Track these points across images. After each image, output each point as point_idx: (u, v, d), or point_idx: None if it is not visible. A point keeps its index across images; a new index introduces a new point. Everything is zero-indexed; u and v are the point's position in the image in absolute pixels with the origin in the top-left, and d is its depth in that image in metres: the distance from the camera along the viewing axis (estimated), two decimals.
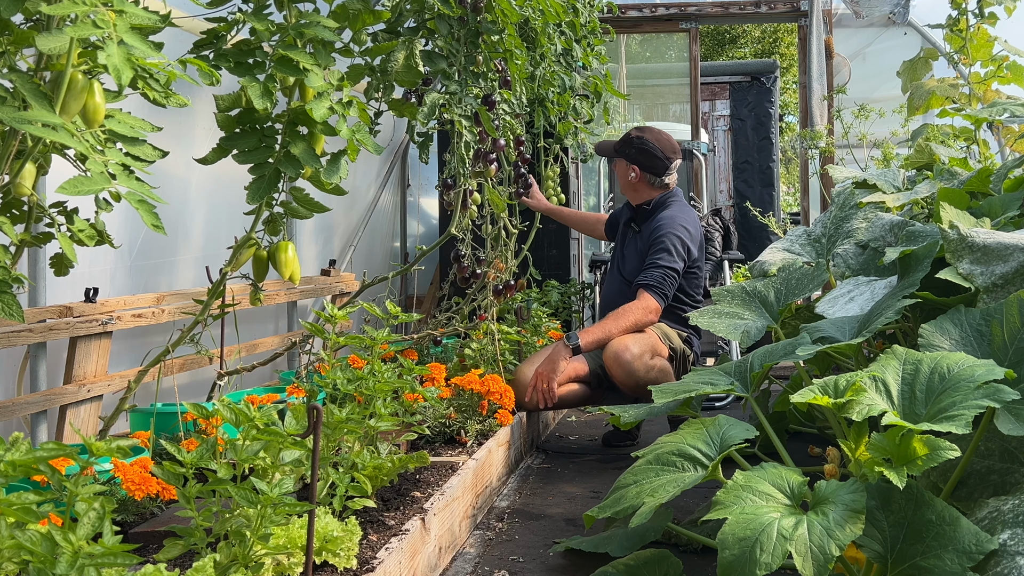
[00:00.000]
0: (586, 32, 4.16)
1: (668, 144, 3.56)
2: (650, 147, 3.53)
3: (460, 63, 2.72)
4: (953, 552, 1.47)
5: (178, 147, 2.01)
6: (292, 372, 3.35)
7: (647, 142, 3.54)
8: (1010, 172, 2.62)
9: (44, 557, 1.06)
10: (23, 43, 1.37)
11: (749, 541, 1.49)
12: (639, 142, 3.54)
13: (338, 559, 1.62)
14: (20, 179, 1.48)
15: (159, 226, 1.46)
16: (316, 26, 1.74)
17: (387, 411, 2.08)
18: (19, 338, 2.39)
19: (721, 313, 2.65)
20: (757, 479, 1.65)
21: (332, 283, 4.28)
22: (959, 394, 1.63)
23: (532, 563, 2.19)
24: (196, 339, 2.24)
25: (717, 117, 8.14)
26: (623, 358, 3.19)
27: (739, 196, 7.45)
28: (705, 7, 5.76)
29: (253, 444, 1.50)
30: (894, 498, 1.57)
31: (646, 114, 7.72)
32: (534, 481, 2.97)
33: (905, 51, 5.58)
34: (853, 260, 2.70)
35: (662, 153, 3.52)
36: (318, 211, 1.95)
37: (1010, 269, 1.95)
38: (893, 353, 1.81)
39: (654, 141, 3.54)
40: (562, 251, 5.29)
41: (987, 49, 4.66)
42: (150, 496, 1.89)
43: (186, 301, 3.06)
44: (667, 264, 3.36)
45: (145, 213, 1.44)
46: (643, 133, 3.58)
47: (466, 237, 3.16)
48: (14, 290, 1.46)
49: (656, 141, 3.54)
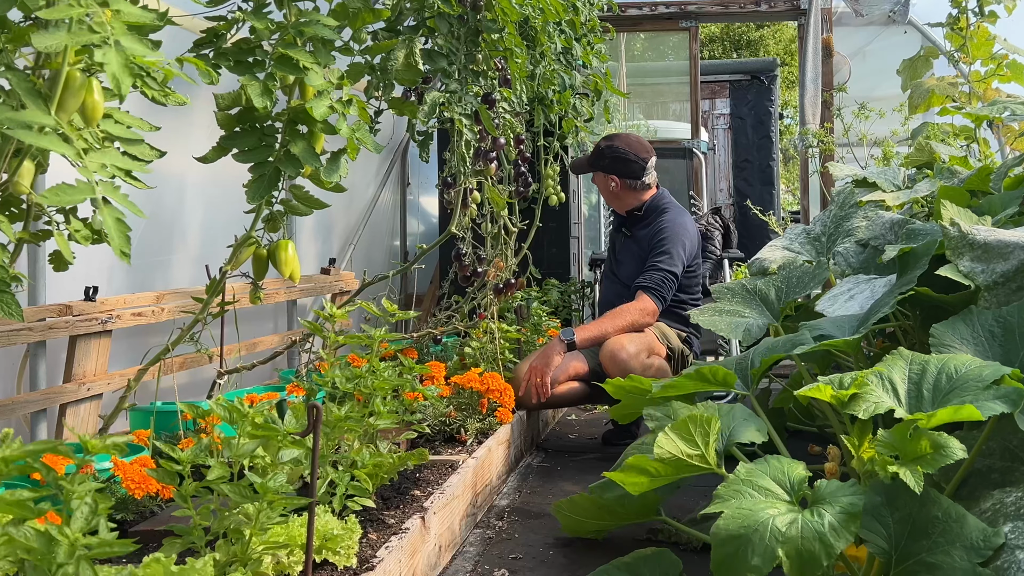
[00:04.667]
0: (586, 30, 4.15)
1: (639, 145, 3.56)
2: (621, 153, 3.52)
3: (460, 61, 2.72)
4: (961, 548, 1.46)
5: (177, 146, 2.00)
6: (292, 371, 3.35)
7: (617, 149, 3.53)
8: (1010, 170, 2.62)
9: (41, 553, 1.06)
10: (20, 41, 1.36)
11: (742, 539, 1.48)
12: (610, 151, 3.53)
13: (338, 557, 1.62)
14: (18, 177, 1.47)
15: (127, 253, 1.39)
16: (316, 24, 1.74)
17: (387, 409, 2.08)
18: (19, 337, 2.39)
19: (722, 311, 2.65)
20: (759, 473, 1.64)
21: (332, 282, 4.28)
22: (968, 394, 1.62)
23: (532, 561, 2.19)
24: (196, 338, 2.24)
25: (717, 116, 8.14)
26: (619, 357, 3.19)
27: (739, 194, 7.45)
28: (705, 6, 5.75)
29: (249, 441, 1.50)
30: (899, 495, 1.56)
31: (646, 112, 7.71)
32: (534, 479, 2.97)
33: (905, 49, 5.56)
34: (853, 258, 2.70)
35: (635, 155, 3.52)
36: (318, 208, 1.95)
37: (1011, 267, 1.95)
38: (899, 353, 1.81)
39: (624, 146, 3.54)
40: (562, 250, 5.28)
41: (987, 47, 4.65)
42: (150, 495, 1.89)
43: (185, 300, 3.06)
44: (667, 267, 3.38)
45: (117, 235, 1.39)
46: (611, 141, 3.58)
47: (466, 236, 3.16)
48: (13, 289, 1.46)
49: (626, 146, 3.54)
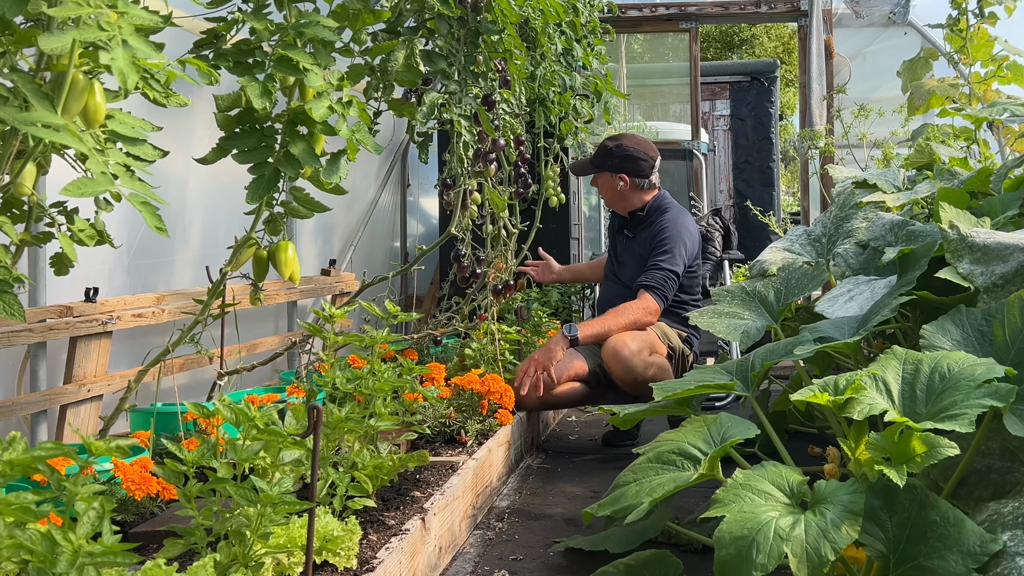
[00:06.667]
0: (586, 32, 4.16)
1: (646, 144, 3.56)
2: (632, 151, 3.51)
3: (460, 63, 2.72)
4: (958, 553, 1.46)
5: (178, 147, 2.00)
6: (292, 372, 3.35)
7: (627, 148, 3.52)
8: (1010, 172, 2.62)
9: (44, 556, 1.06)
10: (25, 43, 1.37)
11: (746, 540, 1.49)
12: (620, 150, 3.52)
13: (338, 558, 1.63)
14: (21, 179, 1.48)
15: (162, 228, 1.46)
16: (316, 26, 1.74)
17: (387, 411, 2.08)
18: (19, 338, 2.39)
19: (721, 313, 2.65)
20: (757, 478, 1.64)
21: (332, 283, 4.28)
22: (960, 393, 1.62)
23: (532, 563, 2.19)
24: (196, 339, 2.24)
25: (717, 117, 8.15)
26: (621, 354, 3.20)
27: (739, 196, 7.46)
28: (705, 7, 5.76)
29: (253, 444, 1.50)
30: (898, 498, 1.56)
31: (646, 114, 7.72)
32: (534, 481, 2.97)
33: (905, 51, 5.57)
34: (853, 260, 2.70)
35: (645, 154, 3.52)
36: (318, 210, 1.95)
37: (1010, 269, 1.95)
38: (893, 353, 1.81)
39: (633, 145, 3.53)
40: (562, 251, 5.28)
41: (987, 49, 4.66)
42: (150, 496, 1.89)
43: (186, 301, 3.06)
44: (669, 267, 3.38)
45: (148, 215, 1.43)
46: (620, 141, 3.56)
47: (466, 237, 3.17)
48: (15, 290, 1.46)
49: (635, 144, 3.53)
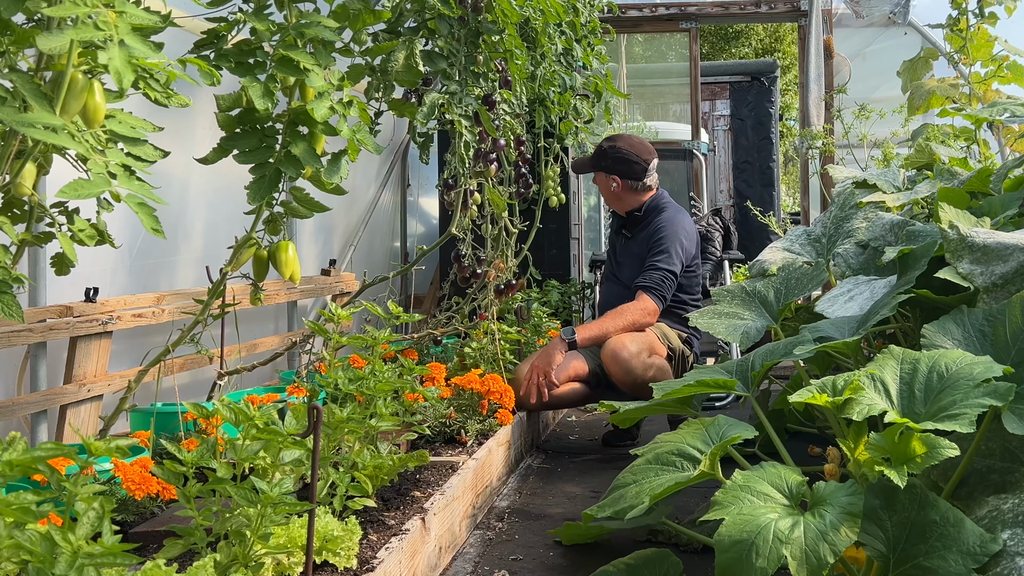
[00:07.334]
0: (586, 32, 4.16)
1: (642, 147, 3.56)
2: (624, 154, 3.52)
3: (460, 63, 2.72)
4: (957, 553, 1.46)
5: (179, 147, 2.00)
6: (292, 372, 3.35)
7: (620, 150, 3.53)
8: (1010, 172, 2.62)
9: (43, 557, 1.06)
10: (24, 43, 1.37)
11: (745, 544, 1.48)
12: (613, 152, 3.53)
13: (338, 559, 1.63)
14: (20, 179, 1.48)
15: (159, 230, 1.46)
16: (317, 26, 1.74)
17: (388, 411, 2.08)
18: (19, 338, 2.39)
19: (720, 313, 2.65)
20: (756, 479, 1.64)
21: (332, 283, 4.29)
22: (959, 392, 1.62)
23: (532, 563, 2.19)
24: (196, 339, 2.24)
25: (717, 117, 8.14)
26: (621, 356, 3.20)
27: (739, 196, 7.45)
28: (705, 7, 5.75)
29: (253, 444, 1.50)
30: (898, 498, 1.56)
31: (646, 114, 7.72)
32: (534, 481, 2.97)
33: (905, 51, 5.57)
34: (853, 260, 2.70)
35: (638, 157, 3.52)
36: (318, 211, 1.95)
37: (1010, 269, 1.95)
38: (890, 352, 1.80)
39: (627, 147, 3.54)
40: (562, 251, 5.29)
41: (987, 49, 4.66)
42: (150, 496, 1.89)
43: (186, 301, 3.06)
44: (666, 267, 3.38)
45: (145, 216, 1.43)
46: (614, 142, 3.58)
47: (466, 237, 3.17)
48: (14, 290, 1.46)
49: (629, 147, 3.54)
